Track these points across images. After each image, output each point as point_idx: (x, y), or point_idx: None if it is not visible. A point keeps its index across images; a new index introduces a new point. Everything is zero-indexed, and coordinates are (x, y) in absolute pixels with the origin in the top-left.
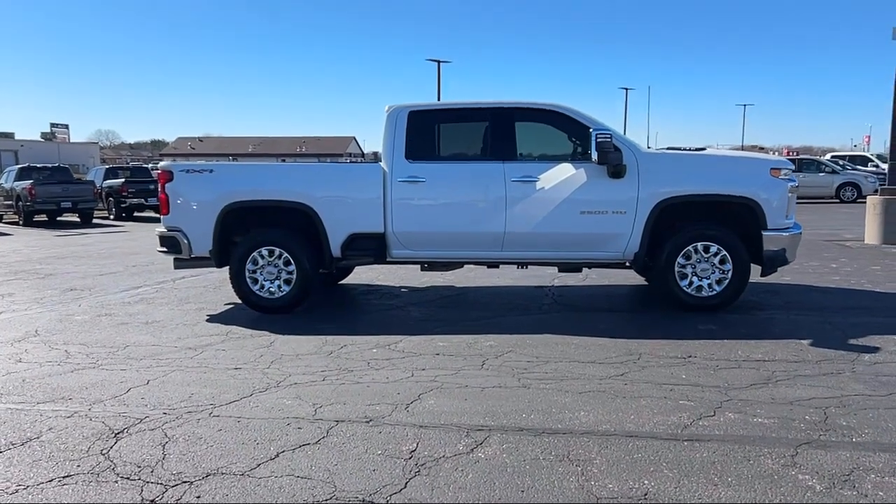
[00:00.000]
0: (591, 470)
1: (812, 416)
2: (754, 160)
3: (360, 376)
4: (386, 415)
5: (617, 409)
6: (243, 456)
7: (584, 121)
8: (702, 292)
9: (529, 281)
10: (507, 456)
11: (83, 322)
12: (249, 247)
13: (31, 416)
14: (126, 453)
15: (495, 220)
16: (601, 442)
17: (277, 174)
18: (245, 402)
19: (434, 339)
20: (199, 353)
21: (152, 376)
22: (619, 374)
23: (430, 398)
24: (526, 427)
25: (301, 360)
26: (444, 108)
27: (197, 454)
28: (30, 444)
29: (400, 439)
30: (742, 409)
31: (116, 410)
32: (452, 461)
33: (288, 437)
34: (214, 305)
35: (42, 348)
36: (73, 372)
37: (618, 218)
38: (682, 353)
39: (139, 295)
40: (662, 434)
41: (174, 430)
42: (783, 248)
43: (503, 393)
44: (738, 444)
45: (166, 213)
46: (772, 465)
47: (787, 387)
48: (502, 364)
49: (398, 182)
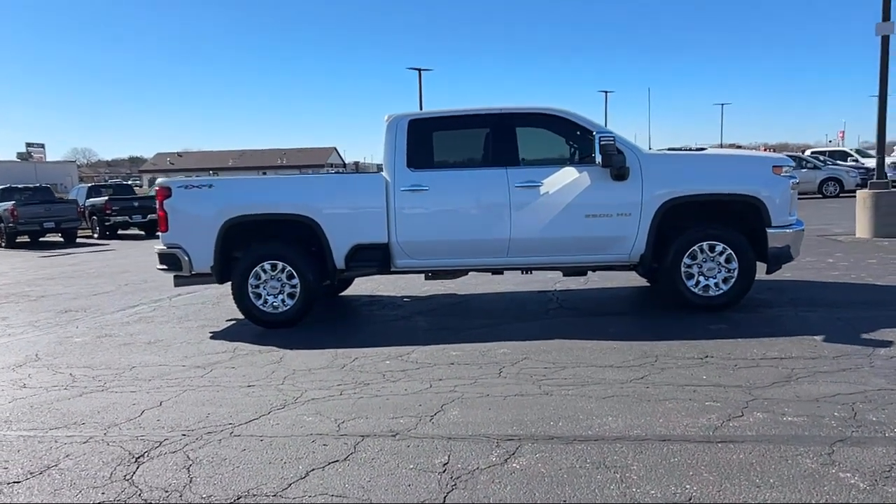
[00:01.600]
0: (630, 476)
1: (840, 412)
2: (756, 158)
3: (378, 389)
4: (411, 428)
5: (644, 413)
6: (272, 476)
7: (585, 124)
8: (708, 291)
9: (532, 286)
10: (543, 465)
11: (84, 344)
12: (251, 261)
13: (45, 443)
14: (150, 478)
15: (500, 226)
16: (635, 447)
17: (278, 187)
18: (264, 421)
19: (446, 348)
20: (208, 371)
21: (164, 397)
22: (639, 378)
23: (454, 409)
24: (556, 435)
25: (315, 375)
26: (444, 115)
27: (225, 476)
28: (49, 472)
29: (430, 452)
30: (769, 408)
31: (133, 434)
32: (488, 473)
33: (315, 455)
34: (216, 322)
35: (45, 372)
36: (81, 396)
37: (623, 220)
38: (698, 354)
39: (137, 314)
40: (695, 436)
41: (196, 453)
42: (787, 244)
43: (526, 401)
44: (772, 444)
45: (165, 230)
46: (810, 464)
47: (809, 384)
48: (520, 371)
49: (401, 191)
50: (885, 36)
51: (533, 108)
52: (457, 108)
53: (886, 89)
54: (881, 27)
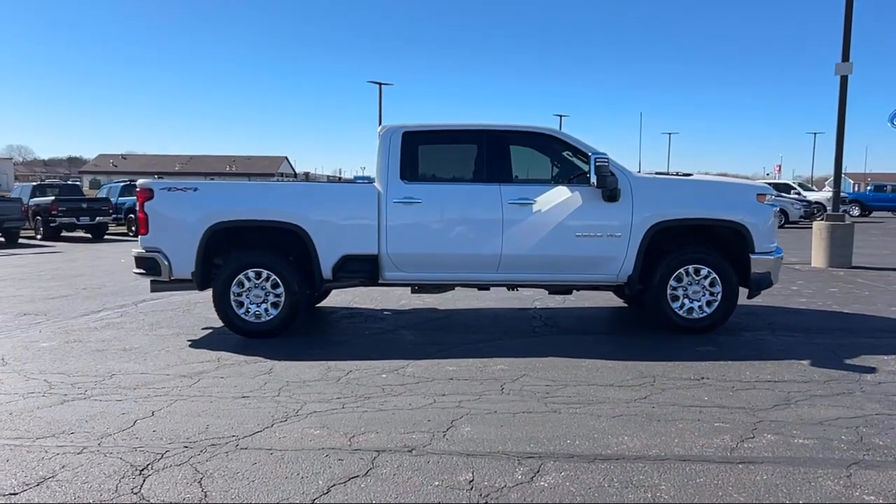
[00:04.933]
0: (661, 496)
1: (847, 435)
2: (741, 186)
3: (381, 403)
4: (426, 443)
5: (657, 433)
6: (292, 491)
7: (579, 145)
8: (692, 314)
9: (511, 303)
10: (571, 484)
11: (52, 349)
12: (235, 269)
13: (34, 452)
14: (160, 492)
15: (492, 242)
16: (657, 467)
17: (266, 194)
18: (269, 433)
19: (440, 363)
20: (195, 381)
21: (155, 407)
22: (642, 398)
23: (465, 425)
24: (576, 454)
25: (310, 387)
26: (438, 129)
27: (241, 490)
28: (46, 483)
29: (452, 469)
30: (778, 430)
31: (130, 444)
32: (517, 491)
33: (332, 470)
34: (192, 330)
35: (16, 378)
36: (62, 404)
37: (613, 241)
38: (693, 375)
39: (103, 319)
40: (713, 457)
41: (205, 465)
42: (769, 270)
43: (536, 418)
44: (790, 465)
45: (145, 233)
46: (833, 486)
47: (808, 407)
48: (522, 388)
49: (393, 203)
50: (844, 76)
51: (528, 127)
52: (451, 123)
53: (844, 127)
54: (840, 67)
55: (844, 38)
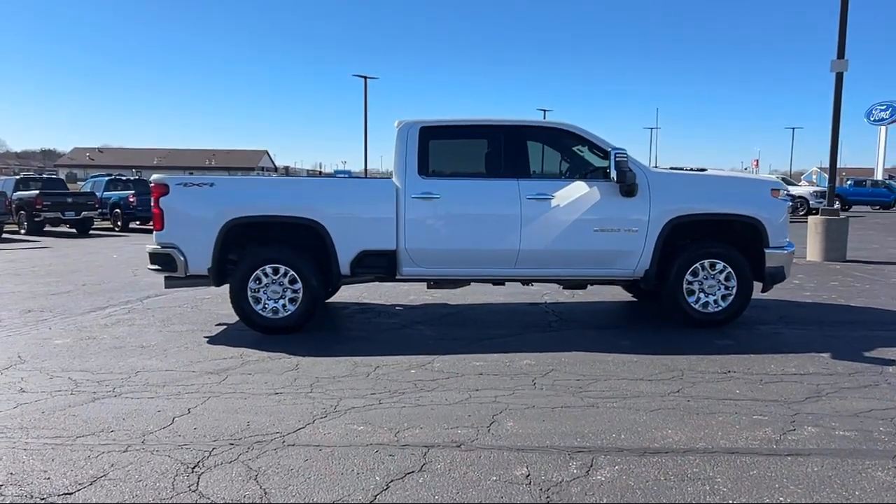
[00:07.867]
0: (719, 489)
1: (885, 427)
2: (756, 181)
3: (417, 398)
4: (473, 438)
5: (700, 426)
6: (352, 487)
7: (597, 141)
8: (708, 308)
9: (521, 298)
10: (628, 478)
11: (69, 347)
12: (252, 264)
13: (78, 451)
14: (218, 490)
15: (510, 237)
16: (708, 460)
17: (283, 189)
18: (313, 430)
19: (466, 358)
20: (223, 378)
21: (190, 404)
22: (675, 391)
23: (507, 420)
24: (625, 448)
25: (342, 383)
26: (455, 124)
27: (300, 487)
28: (99, 482)
29: (505, 464)
30: (817, 422)
31: (174, 442)
32: (577, 485)
33: (386, 466)
34: (205, 326)
35: (39, 376)
36: (94, 402)
37: (630, 236)
38: (720, 369)
39: (111, 316)
40: (760, 450)
41: (256, 462)
42: (782, 265)
43: (576, 413)
44: (838, 457)
45: (160, 229)
46: (884, 476)
47: (840, 399)
48: (554, 383)
49: (412, 198)
50: (840, 73)
51: (546, 122)
52: (469, 117)
53: (839, 124)
54: (836, 64)
55: (840, 35)
